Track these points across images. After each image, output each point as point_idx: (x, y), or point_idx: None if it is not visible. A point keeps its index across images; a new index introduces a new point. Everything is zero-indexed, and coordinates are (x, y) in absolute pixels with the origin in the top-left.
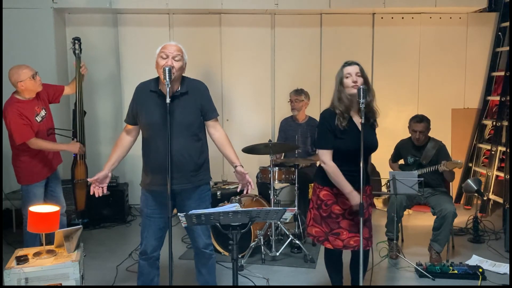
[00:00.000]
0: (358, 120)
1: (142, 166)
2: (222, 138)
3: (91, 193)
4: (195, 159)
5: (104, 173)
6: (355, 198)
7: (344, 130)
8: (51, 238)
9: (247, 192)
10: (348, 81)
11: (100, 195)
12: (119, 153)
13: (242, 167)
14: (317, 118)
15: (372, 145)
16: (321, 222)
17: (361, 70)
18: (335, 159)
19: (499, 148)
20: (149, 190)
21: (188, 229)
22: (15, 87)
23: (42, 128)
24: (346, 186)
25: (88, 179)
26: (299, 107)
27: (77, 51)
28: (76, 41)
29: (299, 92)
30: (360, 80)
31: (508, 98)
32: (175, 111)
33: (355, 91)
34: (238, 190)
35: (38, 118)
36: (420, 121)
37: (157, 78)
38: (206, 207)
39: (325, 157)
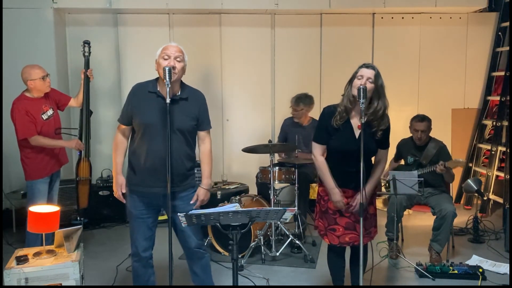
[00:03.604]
0: (356, 123)
1: (129, 165)
2: (205, 153)
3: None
4: (185, 164)
5: (123, 180)
6: (335, 195)
7: (337, 129)
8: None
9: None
10: (357, 82)
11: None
12: (122, 157)
13: (208, 190)
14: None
15: (365, 149)
16: (322, 216)
17: (376, 76)
18: (330, 157)
19: (499, 148)
20: (136, 191)
21: (178, 231)
22: (25, 84)
23: (48, 127)
24: (329, 182)
25: (117, 195)
26: (299, 115)
27: (86, 54)
28: (86, 44)
29: (297, 102)
30: (369, 86)
31: (508, 98)
32: (172, 114)
33: None
34: (192, 201)
35: (44, 116)
36: (421, 120)
37: (156, 79)
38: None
39: (316, 151)
